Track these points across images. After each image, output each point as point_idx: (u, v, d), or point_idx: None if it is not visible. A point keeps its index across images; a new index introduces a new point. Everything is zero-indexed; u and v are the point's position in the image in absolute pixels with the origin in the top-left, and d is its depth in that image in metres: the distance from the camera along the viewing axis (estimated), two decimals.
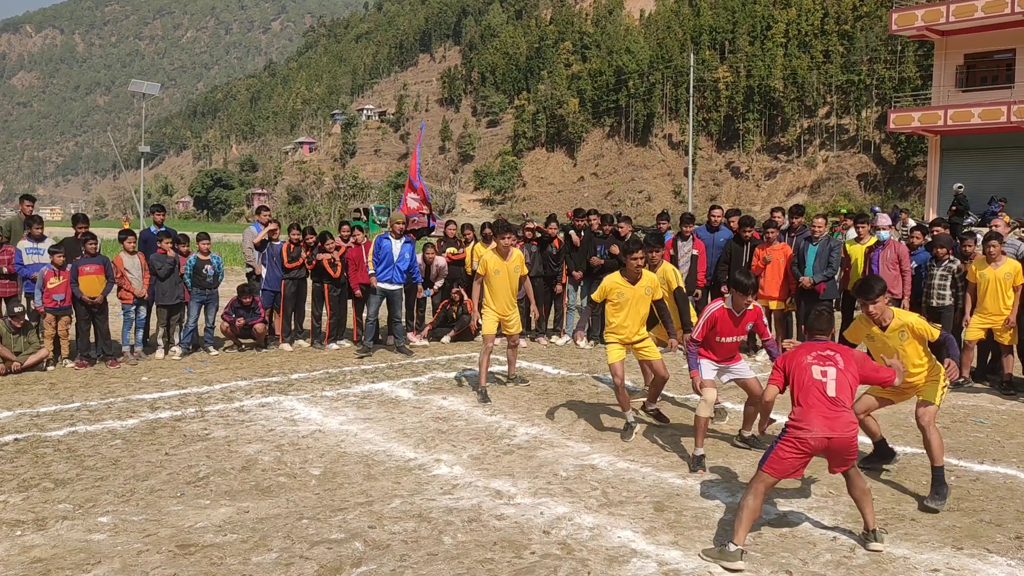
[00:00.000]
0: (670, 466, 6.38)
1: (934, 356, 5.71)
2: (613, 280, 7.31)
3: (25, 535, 4.92)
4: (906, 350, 5.64)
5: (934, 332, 5.59)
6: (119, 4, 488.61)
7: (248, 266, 12.32)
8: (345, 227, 12.39)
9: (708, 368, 6.78)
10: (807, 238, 10.31)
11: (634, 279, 7.24)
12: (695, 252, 11.40)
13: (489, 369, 9.11)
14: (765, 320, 7.07)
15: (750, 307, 6.67)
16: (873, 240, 10.21)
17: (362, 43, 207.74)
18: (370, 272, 11.06)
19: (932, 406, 5.70)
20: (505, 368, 9.79)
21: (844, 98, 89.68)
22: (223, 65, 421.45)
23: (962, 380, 9.46)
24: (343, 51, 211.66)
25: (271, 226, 12.00)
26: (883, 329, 5.68)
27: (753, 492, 4.72)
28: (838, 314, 10.77)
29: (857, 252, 10.35)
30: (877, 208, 25.15)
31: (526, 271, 9.26)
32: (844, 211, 15.76)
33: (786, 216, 11.41)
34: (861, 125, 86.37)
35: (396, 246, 11.21)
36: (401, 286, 11.33)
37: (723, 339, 6.68)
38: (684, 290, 7.97)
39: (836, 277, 10.47)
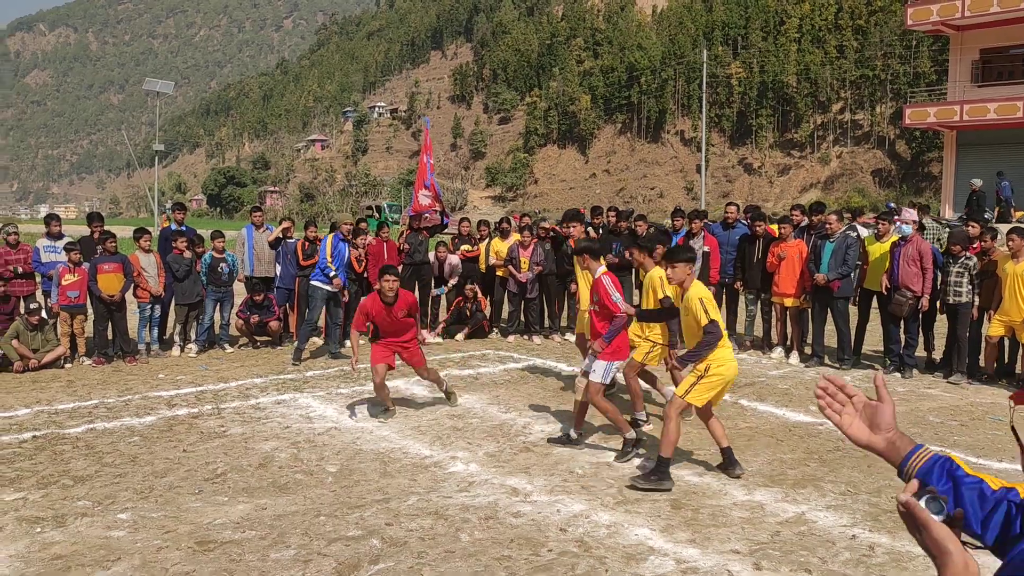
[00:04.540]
0: (686, 464, 6.37)
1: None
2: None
3: (45, 532, 4.95)
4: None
5: (704, 318, 5.87)
6: (132, 3, 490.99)
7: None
8: (364, 224, 12.46)
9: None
10: (823, 236, 10.25)
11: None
12: (707, 248, 11.35)
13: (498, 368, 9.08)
14: (612, 293, 6.56)
15: (597, 274, 6.71)
16: (895, 237, 10.12)
17: (374, 40, 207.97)
18: (331, 274, 10.85)
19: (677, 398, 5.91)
20: (518, 365, 9.77)
21: (858, 93, 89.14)
22: (236, 63, 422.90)
23: (985, 376, 9.42)
24: (355, 48, 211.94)
25: (285, 224, 12.04)
26: (681, 298, 6.24)
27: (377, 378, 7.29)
28: (854, 310, 10.72)
29: (876, 249, 10.28)
30: (892, 204, 24.98)
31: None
32: (854, 208, 15.69)
33: (805, 214, 11.31)
34: (875, 121, 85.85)
35: (346, 249, 11.18)
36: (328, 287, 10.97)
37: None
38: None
39: (852, 274, 10.40)
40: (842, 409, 1.83)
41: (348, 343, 11.82)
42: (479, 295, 12.66)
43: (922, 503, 1.44)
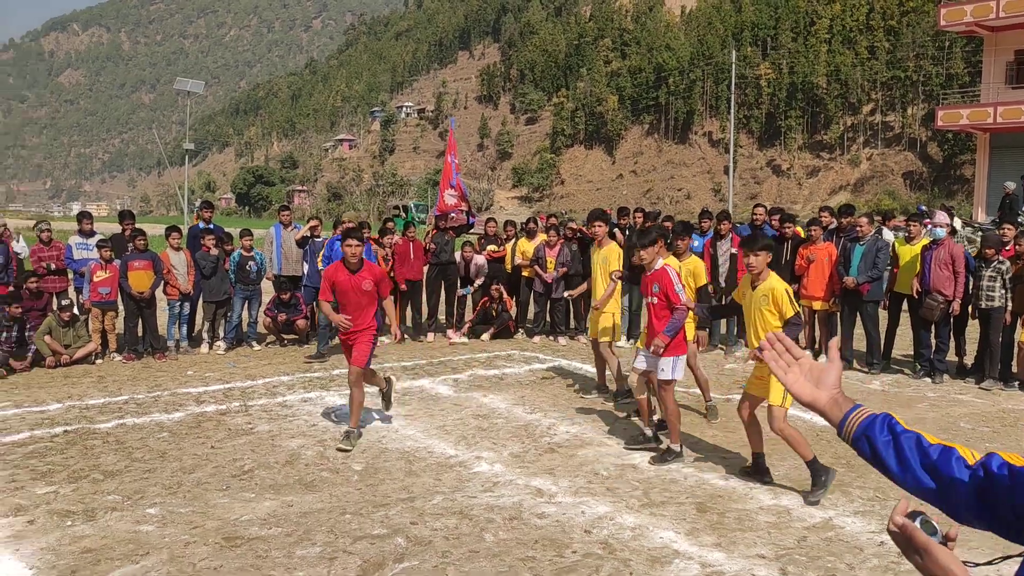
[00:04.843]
0: (712, 467, 6.33)
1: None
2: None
3: (75, 525, 5.02)
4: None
5: (789, 309, 5.71)
6: (164, 3, 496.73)
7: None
8: (391, 223, 12.55)
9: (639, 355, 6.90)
10: (853, 238, 10.14)
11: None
12: (735, 251, 11.29)
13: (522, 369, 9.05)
14: (676, 284, 6.49)
15: (657, 266, 6.61)
16: (926, 240, 10.00)
17: (402, 41, 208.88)
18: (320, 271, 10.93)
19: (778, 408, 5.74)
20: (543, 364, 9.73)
21: (889, 95, 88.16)
22: (265, 63, 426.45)
23: (1018, 382, 9.28)
24: (383, 49, 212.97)
25: (312, 223, 12.12)
26: (753, 288, 5.94)
27: (356, 385, 6.83)
28: (884, 314, 10.60)
29: (907, 252, 10.16)
30: (923, 207, 24.66)
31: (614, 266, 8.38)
32: (884, 211, 15.55)
33: (833, 216, 11.20)
34: (907, 122, 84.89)
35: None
36: None
37: (643, 300, 6.89)
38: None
39: (883, 278, 10.30)
40: (788, 368, 1.82)
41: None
42: (505, 295, 12.67)
43: (917, 524, 1.41)
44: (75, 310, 10.39)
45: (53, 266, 10.88)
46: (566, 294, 11.23)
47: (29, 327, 10.12)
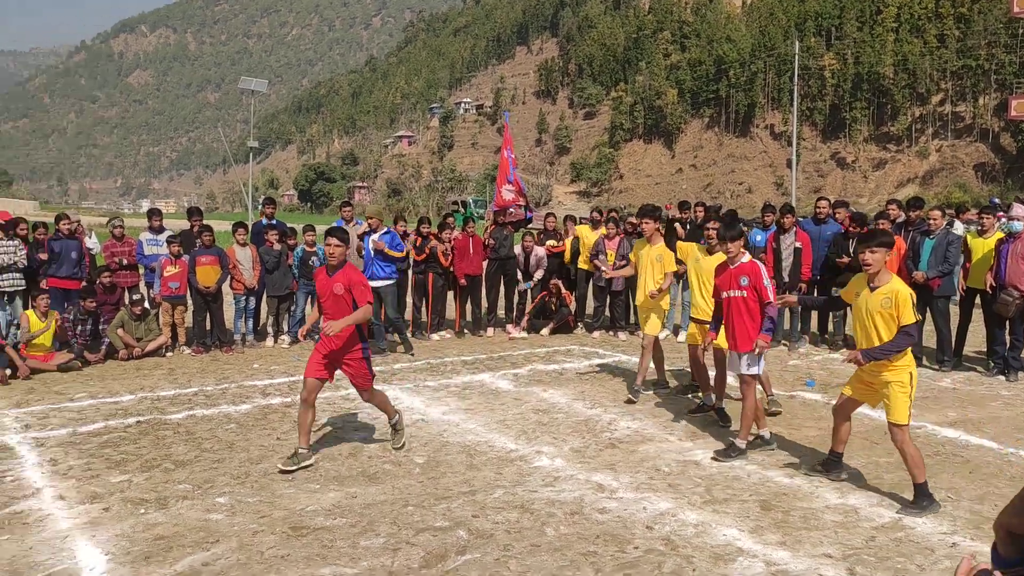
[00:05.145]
0: (776, 464, 6.23)
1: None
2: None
3: (148, 513, 5.17)
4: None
5: (910, 317, 5.29)
6: (228, 3, 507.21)
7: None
8: (451, 219, 12.63)
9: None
10: (923, 232, 9.87)
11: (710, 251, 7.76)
12: (799, 245, 11.09)
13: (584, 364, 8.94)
14: (766, 278, 6.43)
15: (744, 259, 6.51)
16: (1000, 233, 9.68)
17: (460, 37, 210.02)
18: None
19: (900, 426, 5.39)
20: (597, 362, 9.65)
21: (960, 84, 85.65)
22: (326, 61, 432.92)
23: None
24: (441, 45, 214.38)
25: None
26: (872, 289, 5.49)
27: (381, 404, 6.58)
28: (955, 309, 10.30)
29: (980, 246, 9.86)
30: (996, 199, 23.89)
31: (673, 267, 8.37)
32: (956, 204, 15.05)
33: (901, 209, 10.93)
34: (978, 113, 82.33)
35: (369, 241, 10.79)
36: (387, 281, 10.86)
37: (723, 293, 6.67)
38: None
39: (955, 272, 10.01)
40: None
41: (436, 336, 11.98)
42: (563, 290, 12.65)
43: None
44: (146, 304, 10.69)
45: (125, 261, 11.20)
46: (603, 269, 11.12)
47: (103, 321, 10.45)
